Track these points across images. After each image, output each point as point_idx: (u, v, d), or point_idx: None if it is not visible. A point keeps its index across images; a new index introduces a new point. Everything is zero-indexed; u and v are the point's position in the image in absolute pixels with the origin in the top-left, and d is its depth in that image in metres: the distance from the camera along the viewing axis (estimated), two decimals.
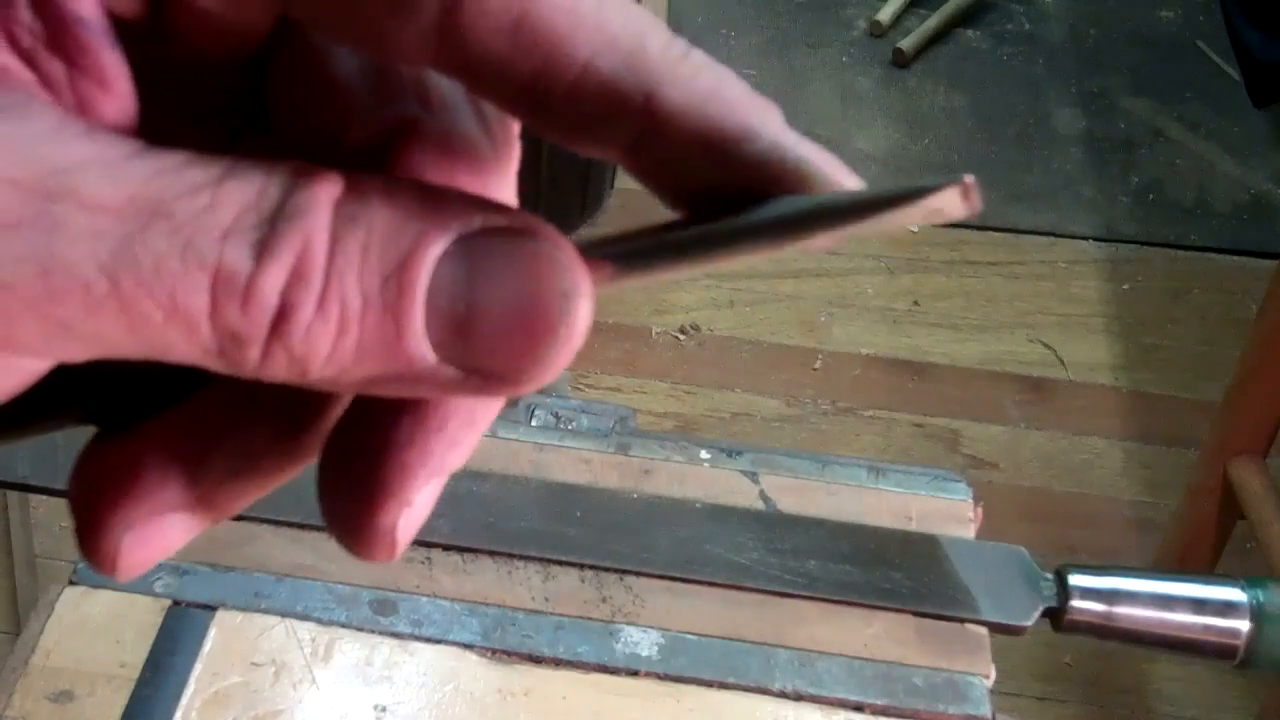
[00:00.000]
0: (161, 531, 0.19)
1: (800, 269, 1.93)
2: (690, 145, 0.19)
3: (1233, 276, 1.95)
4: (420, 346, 0.17)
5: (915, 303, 1.89)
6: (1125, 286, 1.93)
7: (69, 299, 0.15)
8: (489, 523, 0.54)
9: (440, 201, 0.17)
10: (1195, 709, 1.46)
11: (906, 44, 2.26)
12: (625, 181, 2.02)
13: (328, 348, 0.16)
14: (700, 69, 0.19)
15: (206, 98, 0.20)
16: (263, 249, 0.16)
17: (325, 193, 0.16)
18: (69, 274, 0.15)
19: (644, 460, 0.58)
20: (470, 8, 0.17)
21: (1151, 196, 2.06)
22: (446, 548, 0.53)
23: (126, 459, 0.19)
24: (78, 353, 0.16)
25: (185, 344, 0.16)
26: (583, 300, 0.17)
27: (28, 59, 0.17)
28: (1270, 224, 2.02)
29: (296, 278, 0.16)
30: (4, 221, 0.15)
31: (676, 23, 2.32)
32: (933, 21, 2.30)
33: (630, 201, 2.00)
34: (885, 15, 2.32)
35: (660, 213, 0.21)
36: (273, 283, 0.16)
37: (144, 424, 0.19)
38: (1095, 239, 2.00)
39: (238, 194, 0.16)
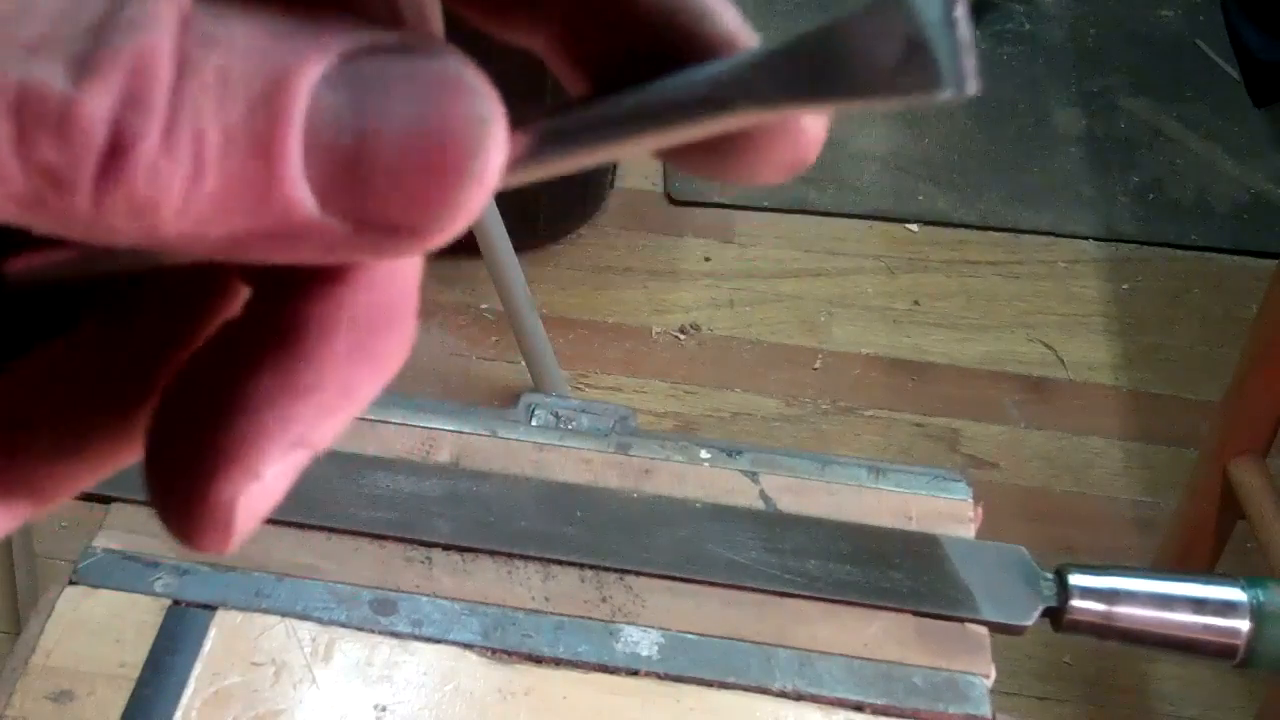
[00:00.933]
0: None
1: (800, 269, 1.93)
2: (634, 22, 0.16)
3: (1233, 276, 1.95)
4: (298, 189, 0.13)
5: (915, 303, 1.89)
6: (1125, 286, 1.93)
7: None
8: (489, 523, 0.54)
9: (316, 16, 0.14)
10: (1195, 709, 1.46)
11: None
12: (625, 181, 2.02)
13: (180, 192, 0.13)
14: None
15: None
16: (84, 65, 0.12)
17: (169, 3, 0.13)
18: None
19: (644, 460, 0.58)
20: None
21: (1151, 196, 2.06)
22: (446, 547, 0.53)
23: None
24: None
25: None
26: (497, 128, 0.14)
27: None
28: (1270, 224, 2.02)
29: (131, 100, 0.13)
30: None
31: None
32: None
33: (630, 201, 2.00)
34: None
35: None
36: (99, 106, 0.12)
37: None
38: (1095, 239, 2.00)
39: (54, 2, 0.13)
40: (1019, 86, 2.25)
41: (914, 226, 2.01)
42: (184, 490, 0.16)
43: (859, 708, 0.50)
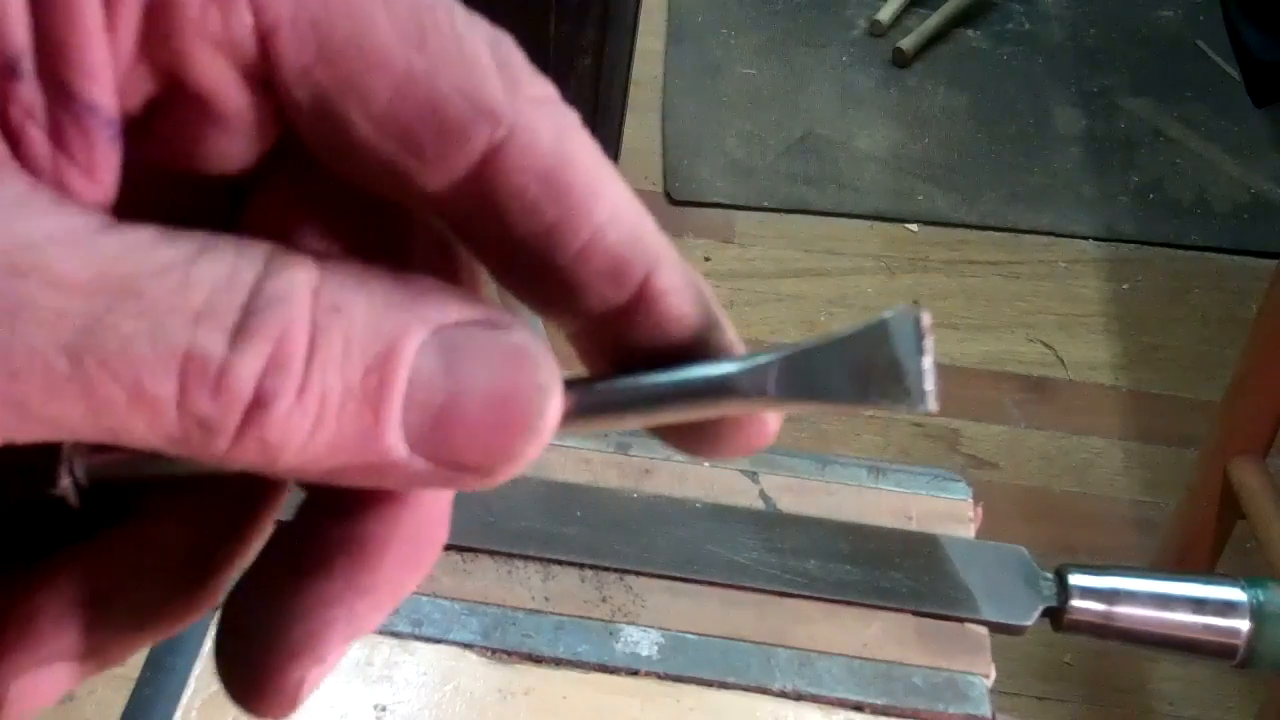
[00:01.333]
0: (51, 680, 0.18)
1: (800, 269, 1.93)
2: (667, 325, 0.19)
3: (1233, 276, 1.95)
4: (394, 439, 0.16)
5: (915, 302, 1.89)
6: (1125, 286, 1.93)
7: (28, 379, 0.15)
8: (489, 522, 0.54)
9: (417, 291, 0.17)
10: (1195, 709, 1.46)
11: (906, 44, 2.26)
12: (624, 180, 2.01)
13: (303, 438, 0.16)
14: (674, 253, 0.20)
15: (181, 201, 0.19)
16: (239, 334, 0.15)
17: (304, 278, 0.16)
18: (30, 354, 0.15)
19: (644, 460, 0.58)
20: (511, 157, 0.17)
21: (1151, 196, 2.06)
22: (446, 547, 0.53)
23: (23, 603, 0.18)
24: (31, 434, 0.15)
25: (148, 430, 0.15)
26: (555, 395, 0.17)
27: (10, 134, 0.16)
28: (1270, 224, 2.02)
29: (275, 365, 0.15)
30: None
31: (677, 23, 2.32)
32: (933, 21, 2.30)
33: None
34: (885, 15, 2.31)
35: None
36: (249, 370, 0.15)
37: (40, 565, 0.18)
38: (1095, 239, 2.00)
39: (210, 274, 0.15)
40: (1019, 86, 2.25)
41: (914, 226, 2.01)
42: (257, 673, 0.19)
43: (859, 708, 0.50)
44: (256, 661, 0.19)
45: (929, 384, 0.17)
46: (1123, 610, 0.53)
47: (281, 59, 0.17)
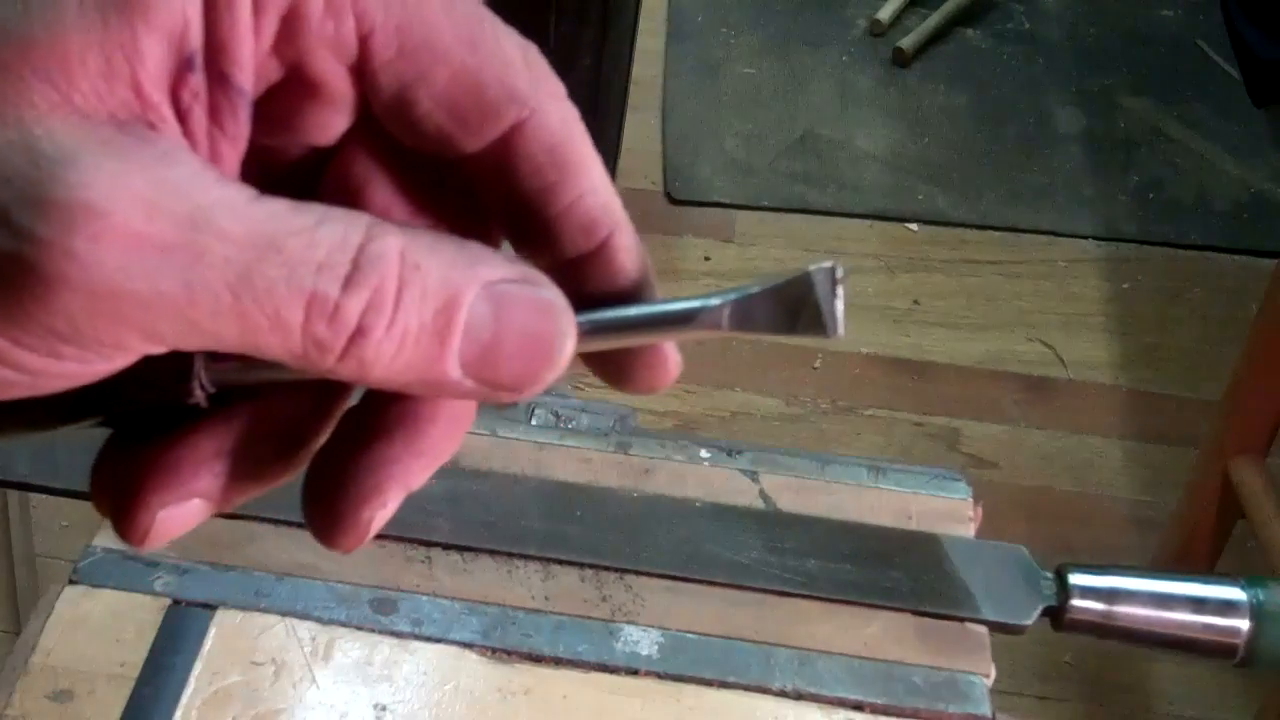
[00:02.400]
0: (186, 512, 0.25)
1: (800, 269, 1.92)
2: (616, 274, 0.26)
3: (1233, 276, 1.95)
4: (453, 364, 0.22)
5: (915, 302, 1.89)
6: (1125, 286, 1.93)
7: (202, 307, 0.20)
8: (489, 522, 0.54)
9: (474, 254, 0.23)
10: (1195, 708, 1.46)
11: (906, 43, 2.26)
12: (624, 180, 2.02)
13: (389, 359, 0.22)
14: (629, 222, 0.27)
15: (276, 163, 0.26)
16: (349, 281, 0.21)
17: (395, 243, 0.22)
18: (205, 289, 0.20)
19: (644, 459, 0.58)
20: (529, 131, 0.24)
21: (1151, 196, 2.06)
22: (446, 547, 0.53)
23: (170, 455, 0.24)
24: (196, 344, 0.21)
25: (280, 347, 0.21)
26: (571, 338, 0.24)
27: (182, 113, 0.22)
28: (1270, 224, 2.02)
29: (373, 306, 0.21)
30: (163, 243, 0.20)
31: (676, 22, 2.32)
32: (933, 21, 2.30)
33: (630, 201, 1.99)
34: (885, 14, 2.31)
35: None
36: (355, 307, 0.21)
37: (182, 433, 0.25)
38: (1095, 238, 2.00)
39: (329, 236, 0.21)
40: (1019, 86, 2.25)
41: (914, 226, 2.01)
42: (339, 514, 0.25)
43: (859, 707, 0.50)
44: (336, 506, 0.25)
45: (839, 317, 0.24)
46: (1123, 610, 0.53)
47: (374, 55, 0.23)
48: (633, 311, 0.25)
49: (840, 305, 0.24)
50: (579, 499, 0.56)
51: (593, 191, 0.25)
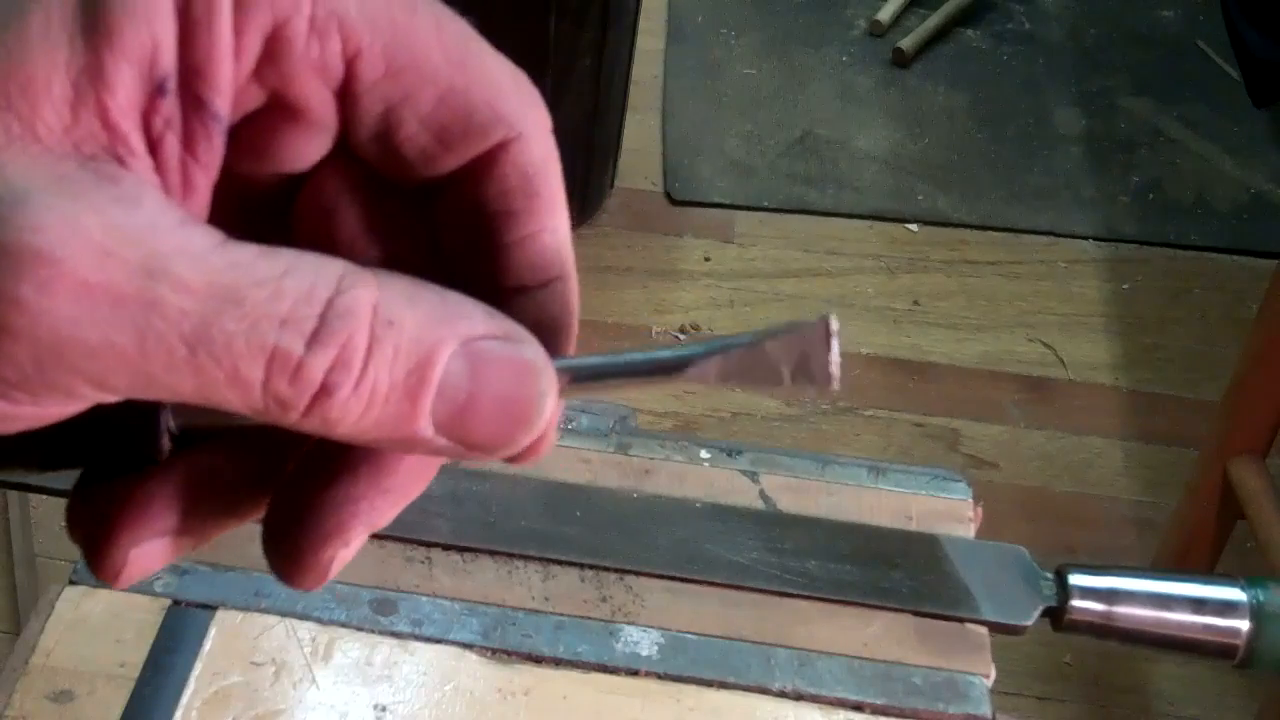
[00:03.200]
0: (160, 549, 0.24)
1: (800, 269, 1.93)
2: (551, 311, 0.26)
3: (1233, 276, 1.95)
4: (425, 424, 0.22)
5: (915, 302, 1.89)
6: (1125, 286, 1.93)
7: (155, 360, 0.20)
8: (489, 522, 0.54)
9: (453, 307, 0.22)
10: (1195, 709, 1.46)
11: (906, 44, 2.26)
12: (624, 181, 2.02)
13: (355, 418, 0.21)
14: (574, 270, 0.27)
15: (247, 193, 0.25)
16: (314, 338, 0.20)
17: (367, 296, 0.21)
18: (159, 341, 0.19)
19: (644, 460, 0.58)
20: (510, 155, 0.24)
21: (1151, 196, 2.06)
22: (446, 547, 0.53)
23: (138, 494, 0.24)
24: (153, 395, 0.21)
25: (238, 402, 0.20)
26: (551, 398, 0.23)
27: (153, 141, 0.21)
28: (1270, 224, 2.02)
29: (340, 364, 0.20)
30: (115, 293, 0.19)
31: (677, 23, 2.32)
32: (933, 21, 2.30)
33: (630, 201, 2.00)
34: (885, 15, 2.32)
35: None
36: (319, 365, 0.20)
37: (152, 471, 0.24)
38: (1095, 239, 2.00)
39: (295, 288, 0.20)
40: (1019, 86, 2.25)
41: (914, 226, 2.01)
42: (298, 552, 0.24)
43: (859, 708, 0.50)
44: (298, 545, 0.24)
45: (835, 371, 0.23)
46: (1123, 610, 0.53)
47: (360, 77, 0.23)
48: (620, 360, 0.25)
49: (835, 357, 0.23)
50: (579, 499, 0.56)
51: (553, 231, 0.25)
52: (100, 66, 0.20)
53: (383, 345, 0.21)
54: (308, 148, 0.24)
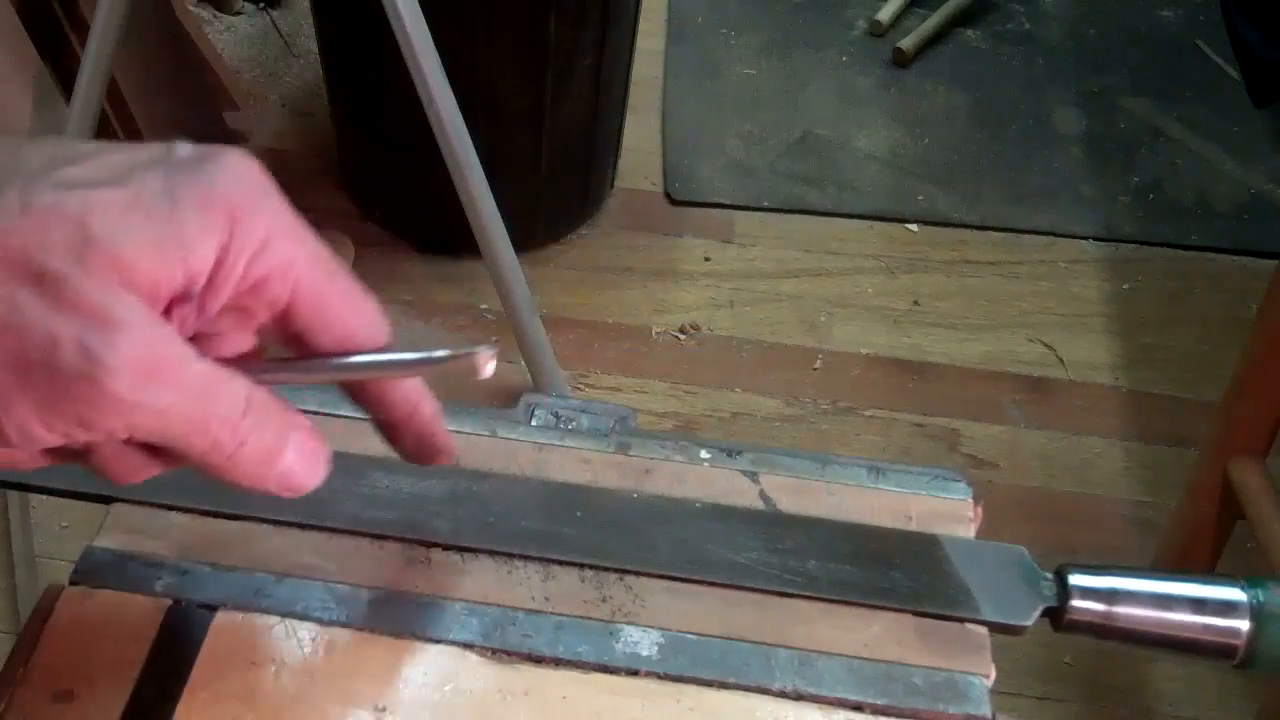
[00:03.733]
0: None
1: (800, 269, 1.93)
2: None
3: (1233, 276, 1.95)
4: (273, 480, 0.39)
5: (915, 303, 1.89)
6: (1125, 286, 1.93)
7: (167, 416, 0.36)
8: (489, 522, 0.54)
9: (290, 415, 0.39)
10: (1195, 709, 1.46)
11: (906, 44, 2.26)
12: (624, 180, 2.02)
13: (248, 471, 0.38)
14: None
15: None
16: (242, 414, 0.37)
17: (261, 397, 0.38)
18: (176, 408, 0.36)
19: (644, 460, 0.58)
20: (390, 403, 0.45)
21: (1151, 196, 2.06)
22: (446, 547, 0.53)
23: None
24: (154, 439, 0.36)
25: (198, 445, 0.37)
26: (326, 460, 0.41)
27: (169, 310, 0.36)
28: (1270, 224, 2.02)
29: (256, 427, 0.38)
30: (166, 381, 0.35)
31: (677, 23, 2.32)
32: (933, 21, 2.30)
33: (630, 201, 2.00)
34: (885, 15, 2.31)
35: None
36: (246, 428, 0.37)
37: None
38: (1095, 239, 2.00)
39: (232, 392, 0.37)
40: (1019, 86, 2.25)
41: (914, 226, 2.01)
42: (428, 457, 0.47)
43: (859, 708, 0.50)
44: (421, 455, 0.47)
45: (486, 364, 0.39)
46: (1123, 610, 0.53)
47: (291, 312, 0.39)
48: (370, 358, 0.41)
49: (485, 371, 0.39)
50: (579, 499, 0.56)
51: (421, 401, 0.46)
52: (170, 273, 0.35)
53: (258, 435, 0.38)
54: (242, 325, 0.40)
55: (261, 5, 2.28)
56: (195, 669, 0.48)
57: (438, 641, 0.50)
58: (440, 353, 0.40)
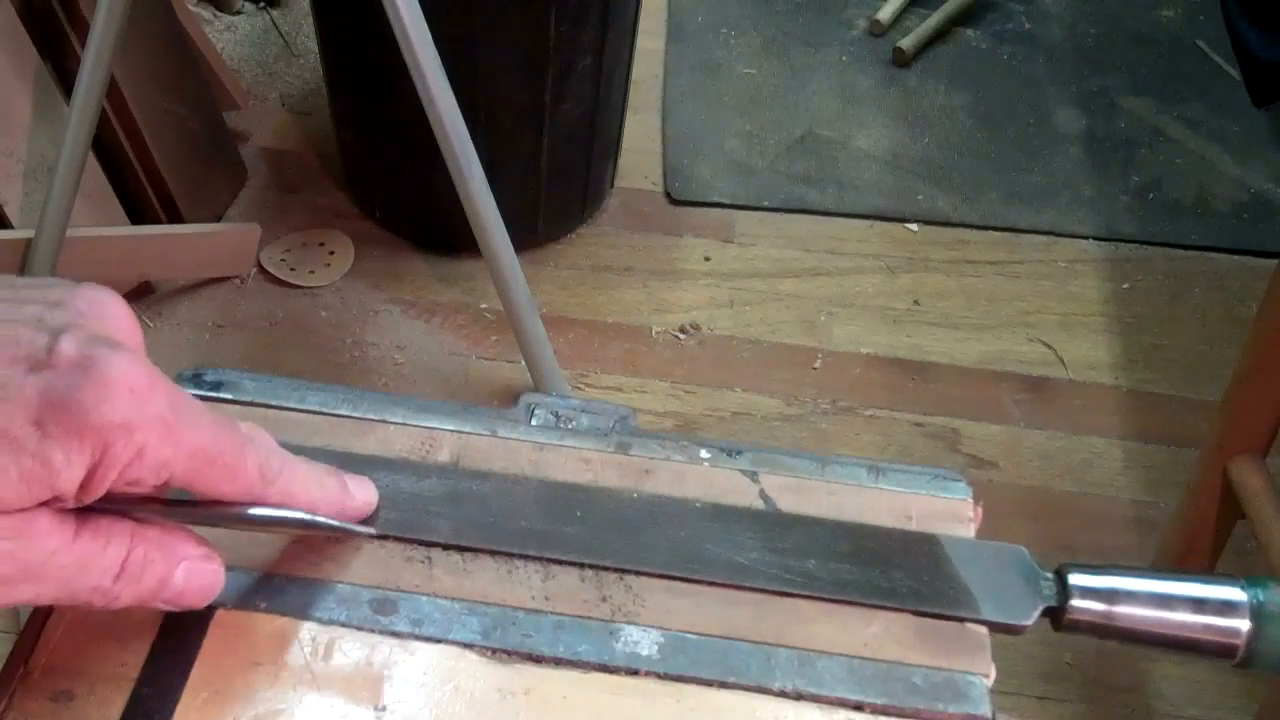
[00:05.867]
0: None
1: (800, 269, 1.93)
2: None
3: (1233, 276, 1.95)
4: (164, 603, 0.44)
5: (915, 302, 1.89)
6: (1125, 286, 1.93)
7: (42, 599, 0.41)
8: (489, 522, 0.54)
9: (176, 542, 0.44)
10: (1195, 709, 1.46)
11: (906, 43, 2.26)
12: (624, 180, 2.02)
13: (131, 605, 0.43)
14: None
15: None
16: (117, 579, 0.42)
17: (141, 551, 0.42)
18: (49, 597, 0.41)
19: (644, 460, 0.58)
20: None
21: (1151, 196, 2.06)
22: (446, 547, 0.53)
23: None
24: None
25: (83, 598, 0.41)
26: (221, 579, 0.46)
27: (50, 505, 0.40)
28: (1270, 224, 2.02)
29: (127, 579, 0.42)
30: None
31: (676, 23, 2.32)
32: (933, 21, 2.30)
33: (630, 201, 2.00)
34: (885, 14, 2.31)
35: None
36: (120, 588, 0.42)
37: None
38: (1095, 238, 2.00)
39: (111, 555, 0.41)
40: (1019, 86, 2.25)
41: (914, 226, 2.01)
42: None
43: (859, 708, 0.50)
44: None
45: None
46: (1123, 610, 0.53)
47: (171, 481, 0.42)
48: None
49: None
50: (579, 499, 0.56)
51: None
52: (37, 496, 0.38)
53: (149, 571, 0.42)
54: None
55: (261, 5, 2.28)
56: (195, 669, 0.48)
57: (438, 642, 0.50)
58: (330, 521, 0.48)
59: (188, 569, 0.43)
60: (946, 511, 0.57)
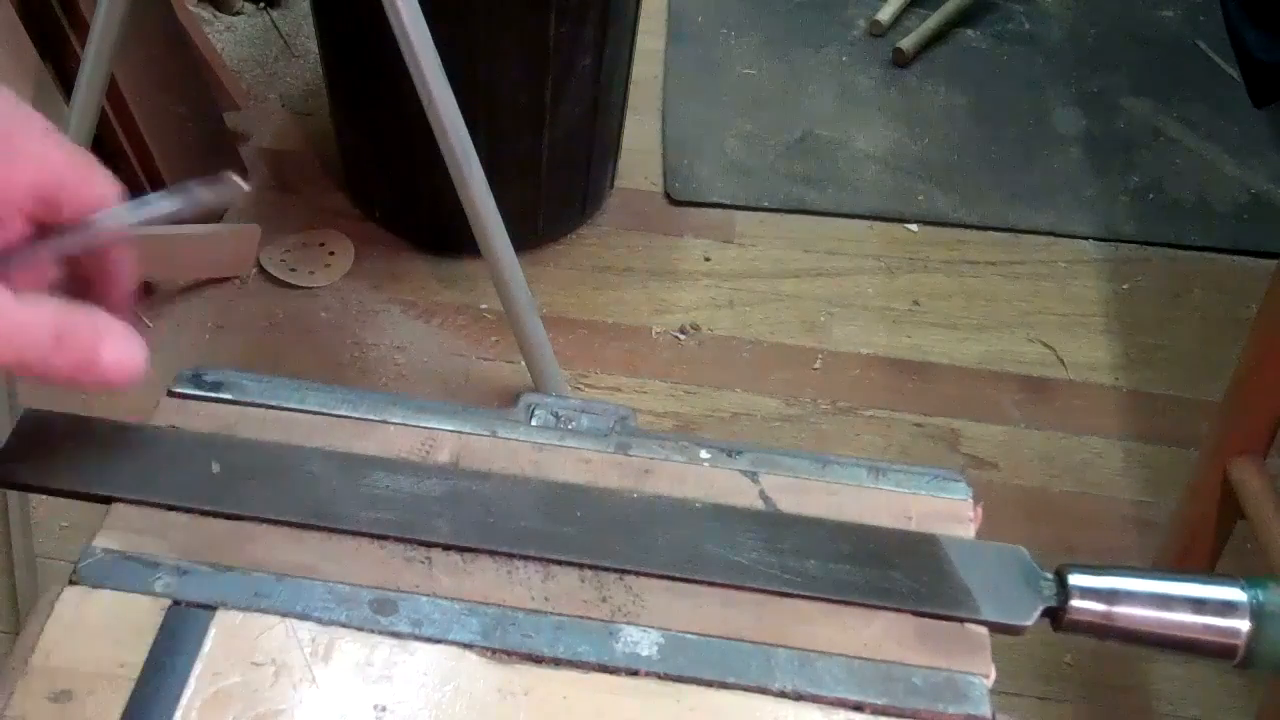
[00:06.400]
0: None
1: (800, 269, 1.93)
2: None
3: (1233, 276, 1.95)
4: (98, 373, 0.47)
5: (915, 303, 1.89)
6: (1125, 286, 1.93)
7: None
8: (489, 522, 0.54)
9: (100, 316, 0.47)
10: (1195, 709, 1.46)
11: (906, 44, 2.26)
12: (624, 180, 2.02)
13: (69, 369, 0.46)
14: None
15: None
16: (54, 343, 0.46)
17: (74, 318, 0.46)
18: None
19: (644, 460, 0.58)
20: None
21: (1151, 196, 2.06)
22: (446, 547, 0.53)
23: None
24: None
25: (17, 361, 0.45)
26: (143, 354, 0.49)
27: None
28: (1270, 224, 2.02)
29: (66, 347, 0.46)
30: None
31: (676, 23, 2.32)
32: (933, 21, 2.30)
33: (630, 201, 2.00)
34: (885, 15, 2.32)
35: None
36: (60, 358, 0.46)
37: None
38: (1095, 239, 2.00)
39: (44, 318, 0.46)
40: (1019, 86, 2.25)
41: (914, 226, 2.01)
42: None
43: (859, 708, 0.50)
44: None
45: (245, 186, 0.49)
46: (1123, 610, 0.53)
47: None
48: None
49: (233, 188, 0.49)
50: (579, 499, 0.56)
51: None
52: None
53: (80, 342, 0.46)
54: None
55: (261, 5, 2.28)
56: (195, 669, 0.48)
57: (438, 642, 0.50)
58: (194, 188, 0.49)
59: (113, 345, 0.47)
60: (946, 512, 0.57)
